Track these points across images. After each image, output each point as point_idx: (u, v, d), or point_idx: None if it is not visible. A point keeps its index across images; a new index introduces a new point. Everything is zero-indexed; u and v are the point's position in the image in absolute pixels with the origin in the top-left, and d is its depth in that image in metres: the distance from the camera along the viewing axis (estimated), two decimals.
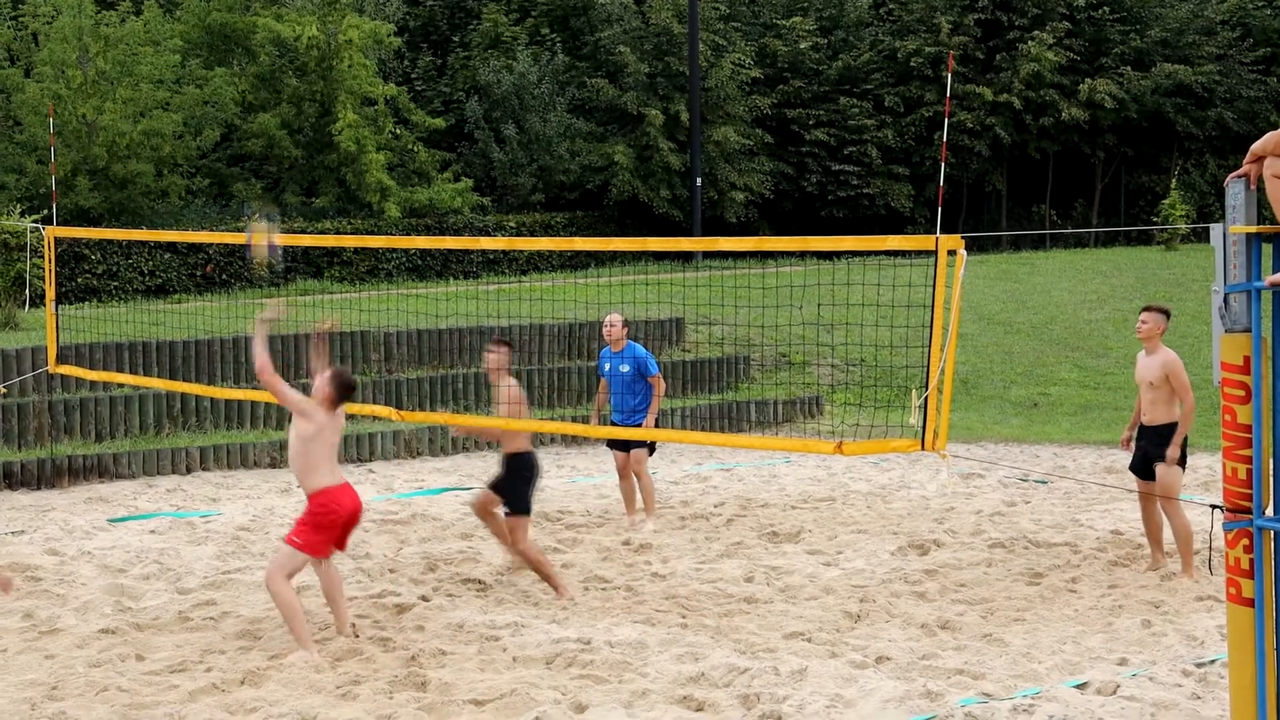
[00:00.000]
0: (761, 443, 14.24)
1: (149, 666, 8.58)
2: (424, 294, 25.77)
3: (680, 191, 39.50)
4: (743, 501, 14.39)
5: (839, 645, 9.08)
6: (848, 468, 16.63)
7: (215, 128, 35.09)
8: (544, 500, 14.49)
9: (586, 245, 11.42)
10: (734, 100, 40.85)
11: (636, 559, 11.73)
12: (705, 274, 28.39)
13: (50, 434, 16.47)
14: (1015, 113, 41.77)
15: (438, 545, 12.24)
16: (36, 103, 31.51)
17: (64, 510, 14.00)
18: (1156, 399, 10.89)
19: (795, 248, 9.78)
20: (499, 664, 8.63)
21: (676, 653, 8.79)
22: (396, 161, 37.39)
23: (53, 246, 13.87)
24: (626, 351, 12.91)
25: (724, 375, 21.69)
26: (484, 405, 19.30)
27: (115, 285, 30.38)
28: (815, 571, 11.22)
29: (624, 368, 12.87)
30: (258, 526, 13.04)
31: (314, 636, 9.11)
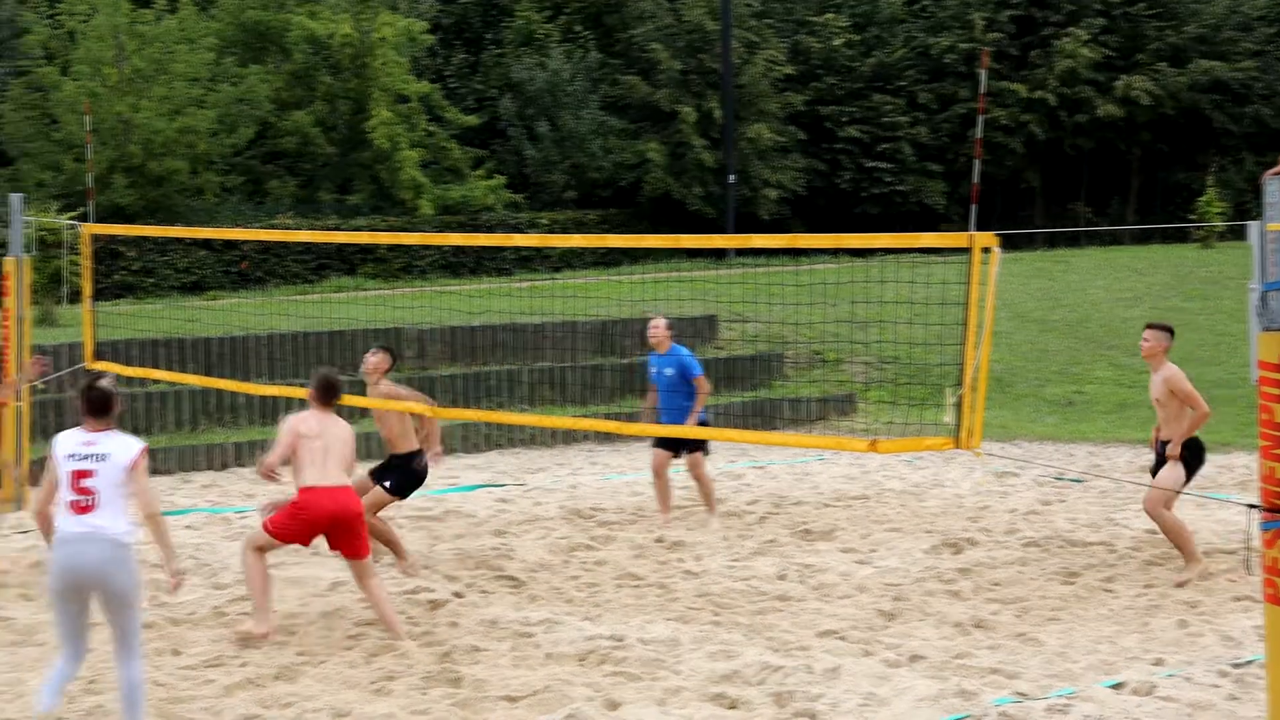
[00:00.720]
0: (795, 440, 14.25)
1: (185, 661, 8.63)
2: (457, 291, 25.83)
3: (713, 188, 39.47)
4: (776, 499, 14.37)
5: (872, 644, 9.06)
6: (881, 465, 16.59)
7: (250, 125, 35.26)
8: (577, 497, 14.51)
9: (619, 242, 11.40)
10: (767, 97, 40.80)
11: (669, 556, 11.73)
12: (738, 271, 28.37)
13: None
14: (1050, 109, 41.60)
15: (471, 542, 12.26)
16: (73, 101, 31.72)
17: None
18: (1168, 416, 10.83)
19: (829, 245, 9.76)
20: (532, 661, 8.64)
21: (709, 650, 8.79)
22: (430, 159, 37.49)
23: (89, 244, 13.96)
24: (670, 354, 12.89)
25: (757, 373, 21.66)
26: (518, 402, 19.34)
27: (151, 282, 30.57)
28: (849, 570, 11.20)
29: (668, 370, 12.86)
30: None
31: (349, 633, 9.16)
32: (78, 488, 7.06)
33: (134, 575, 7.13)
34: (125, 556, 7.07)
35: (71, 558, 6.99)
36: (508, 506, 14.07)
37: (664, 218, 39.60)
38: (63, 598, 7.07)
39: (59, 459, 7.15)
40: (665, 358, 12.91)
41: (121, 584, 7.04)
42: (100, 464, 7.09)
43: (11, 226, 14.11)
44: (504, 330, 20.38)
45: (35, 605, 9.95)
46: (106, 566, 7.00)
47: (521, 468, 16.98)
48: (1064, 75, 41.28)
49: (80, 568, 6.99)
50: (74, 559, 6.99)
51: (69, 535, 7.03)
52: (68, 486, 7.08)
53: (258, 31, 37.96)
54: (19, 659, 8.67)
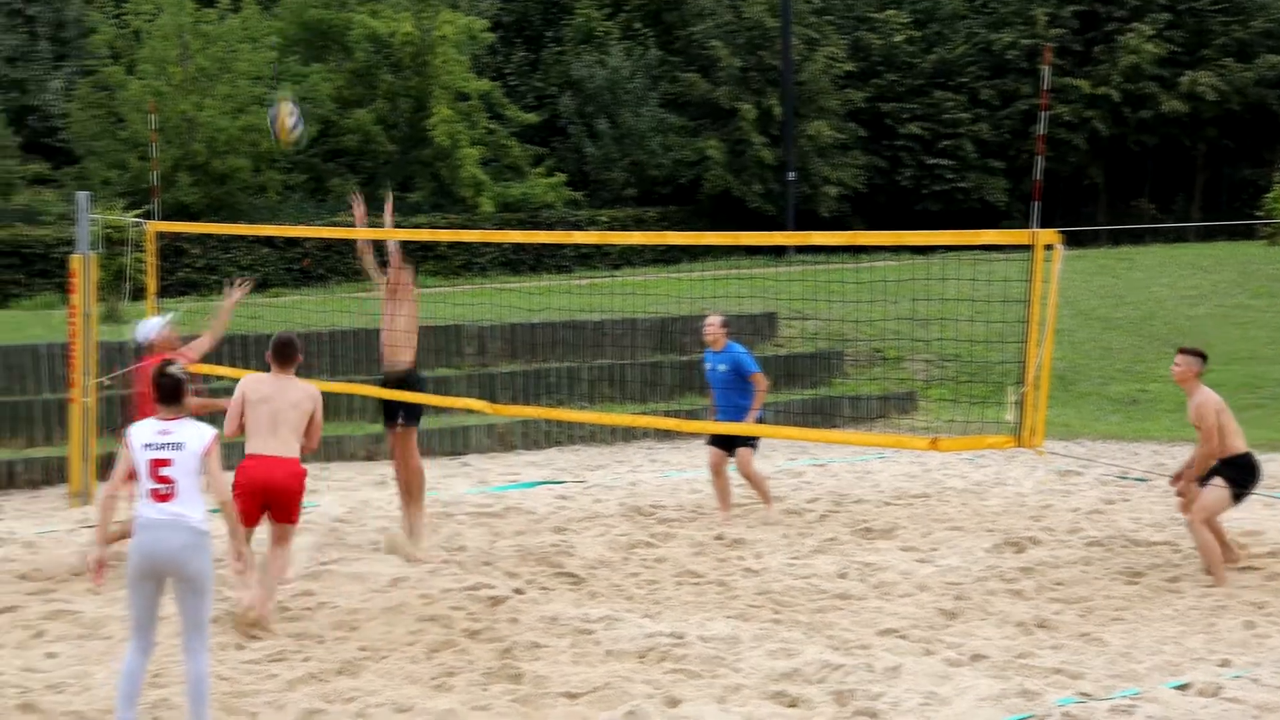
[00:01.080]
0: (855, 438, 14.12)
1: (249, 655, 8.70)
2: (517, 288, 25.91)
3: (773, 186, 39.40)
4: (836, 497, 14.32)
5: (934, 643, 9.01)
6: (942, 464, 16.50)
7: (312, 124, 35.49)
8: (637, 494, 14.52)
9: (679, 240, 11.40)
10: (827, 94, 40.68)
11: (729, 554, 11.71)
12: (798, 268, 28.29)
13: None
14: (1114, 105, 41.24)
15: (531, 538, 12.29)
16: (138, 100, 32.06)
17: None
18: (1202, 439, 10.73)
19: (889, 242, 9.72)
20: (592, 657, 8.65)
21: (769, 648, 8.77)
22: (490, 156, 37.63)
23: (154, 241, 14.10)
24: (725, 351, 12.83)
25: (817, 370, 21.60)
26: (577, 399, 19.37)
27: (214, 279, 30.84)
28: (909, 568, 11.15)
29: (722, 367, 12.80)
30: (354, 518, 13.15)
31: (410, 629, 9.20)
32: (157, 476, 7.17)
33: (209, 563, 7.26)
34: (203, 543, 7.21)
35: (153, 543, 7.12)
36: (568, 503, 14.10)
37: (723, 215, 39.56)
38: (140, 583, 7.18)
39: (136, 449, 7.23)
40: (720, 355, 12.85)
41: (198, 570, 7.17)
42: (176, 452, 7.19)
43: (78, 224, 14.27)
44: (564, 327, 20.41)
45: (102, 599, 10.06)
46: (186, 553, 7.13)
47: (581, 465, 17.01)
48: (1128, 71, 40.91)
49: (161, 553, 7.13)
50: (155, 544, 7.12)
51: (151, 521, 7.15)
52: (147, 475, 7.18)
53: (320, 30, 38.23)
54: (86, 652, 8.77)
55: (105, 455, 15.57)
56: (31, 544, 11.99)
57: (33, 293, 28.15)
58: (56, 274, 28.18)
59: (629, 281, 27.72)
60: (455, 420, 17.95)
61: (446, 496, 14.40)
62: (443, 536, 12.30)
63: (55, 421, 16.25)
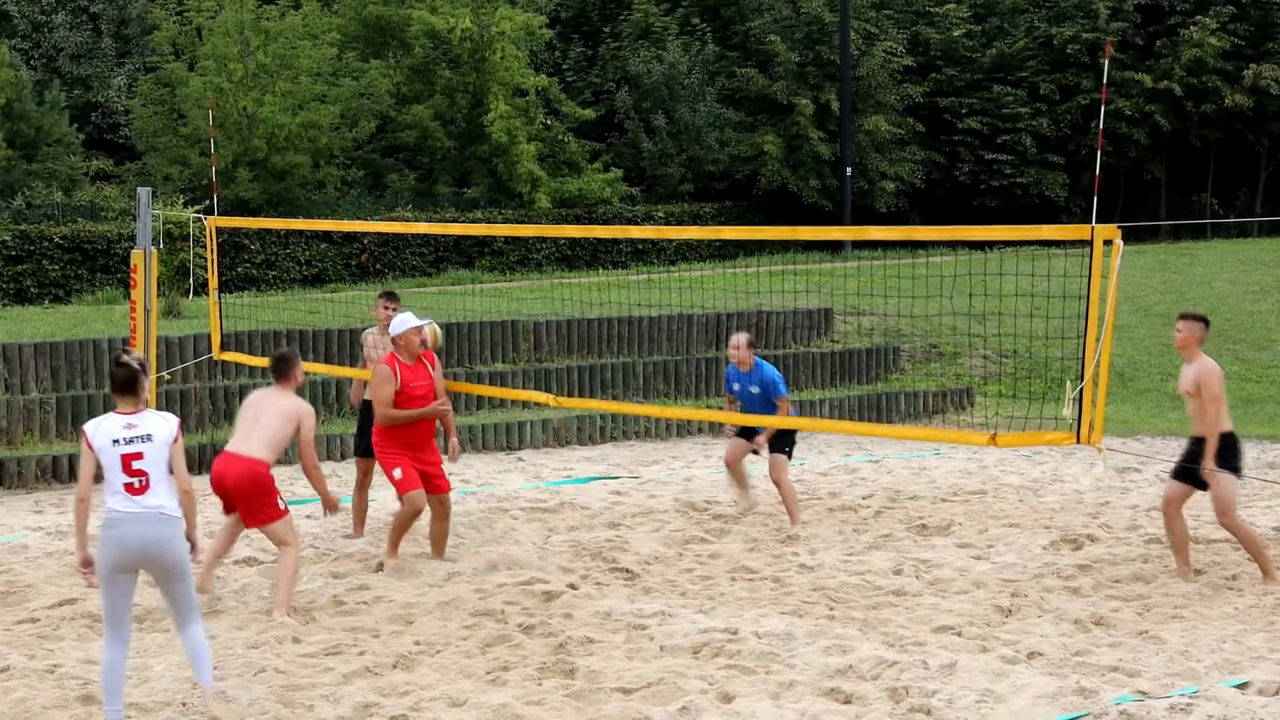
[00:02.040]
0: (913, 433, 14.11)
1: (305, 649, 8.75)
2: (573, 283, 25.94)
3: (830, 181, 39.26)
4: (891, 493, 14.26)
5: (990, 640, 8.96)
6: (999, 460, 16.40)
7: (370, 119, 35.67)
8: (692, 490, 14.51)
9: (735, 235, 11.39)
10: (885, 89, 40.49)
11: (784, 550, 11.69)
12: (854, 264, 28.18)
13: (212, 419, 16.87)
14: (1176, 100, 40.81)
15: (586, 534, 12.31)
16: (199, 96, 32.27)
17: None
18: (1195, 409, 10.50)
19: (947, 238, 9.67)
20: (646, 653, 8.65)
21: (824, 644, 8.74)
22: (547, 152, 37.67)
23: (214, 236, 14.20)
24: (755, 373, 12.44)
25: (873, 366, 21.51)
26: (632, 394, 19.38)
27: (274, 274, 31.05)
28: (965, 565, 11.09)
29: (754, 389, 12.43)
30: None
31: (465, 624, 9.23)
32: (130, 470, 7.18)
33: (185, 549, 7.36)
34: (178, 532, 7.31)
35: (132, 537, 7.16)
36: (622, 499, 14.10)
37: (780, 210, 39.45)
38: (118, 576, 7.22)
39: (102, 446, 7.18)
40: (751, 376, 12.45)
41: (177, 558, 7.29)
42: (147, 444, 7.23)
43: (139, 220, 14.37)
44: (619, 323, 20.41)
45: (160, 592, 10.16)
46: (165, 543, 7.23)
47: (636, 460, 17.01)
48: (1190, 65, 40.46)
49: (141, 546, 7.20)
50: (134, 538, 7.17)
51: (129, 516, 7.17)
52: (120, 470, 7.17)
53: (379, 26, 38.40)
54: (144, 643, 8.84)
55: None
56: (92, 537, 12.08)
57: (95, 288, 28.40)
58: (118, 269, 28.45)
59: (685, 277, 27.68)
60: (510, 415, 18.00)
61: (502, 492, 14.44)
62: (498, 531, 12.33)
63: None
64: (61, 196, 32.29)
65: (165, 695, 7.83)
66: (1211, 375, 10.36)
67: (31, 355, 16.73)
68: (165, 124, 34.55)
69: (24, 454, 15.45)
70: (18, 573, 10.71)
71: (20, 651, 8.69)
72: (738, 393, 12.67)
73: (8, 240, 28.73)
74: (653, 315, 20.60)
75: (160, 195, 28.29)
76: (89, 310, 23.18)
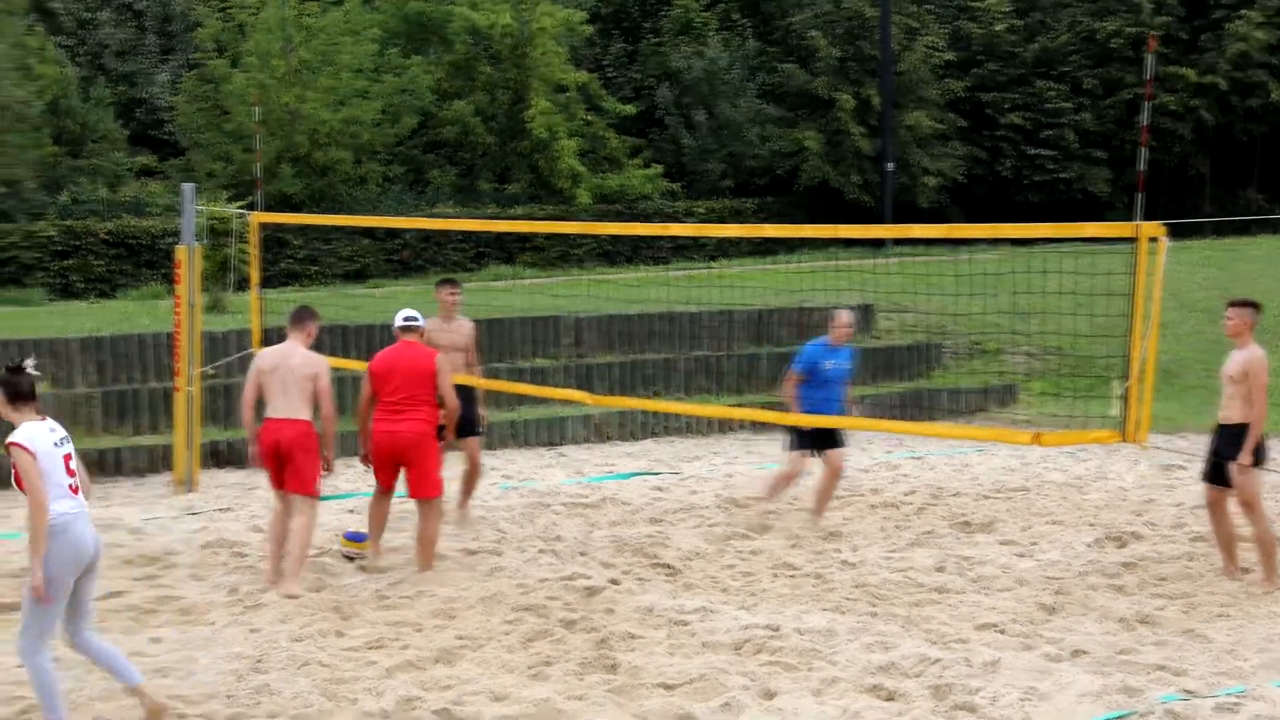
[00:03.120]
0: (957, 431, 14.06)
1: (348, 642, 8.79)
2: (614, 279, 25.96)
3: (871, 177, 39.16)
4: (934, 490, 14.21)
5: (1033, 638, 8.92)
6: (1042, 458, 16.31)
7: (412, 115, 35.81)
8: (733, 486, 14.50)
9: (776, 232, 11.41)
10: (926, 84, 40.37)
11: (826, 547, 11.67)
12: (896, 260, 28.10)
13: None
14: (1221, 94, 40.53)
15: (627, 529, 12.31)
16: (243, 92, 32.47)
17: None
18: (1235, 394, 10.29)
19: (989, 234, 9.61)
20: (688, 648, 8.65)
21: (866, 641, 8.72)
22: (588, 148, 37.72)
23: (257, 232, 14.28)
24: (845, 350, 12.46)
25: (915, 363, 21.45)
26: (674, 390, 19.37)
27: (315, 270, 31.20)
28: (1008, 562, 11.04)
29: (848, 364, 12.45)
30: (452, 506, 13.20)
31: (507, 618, 9.25)
32: (70, 470, 7.23)
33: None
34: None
35: (87, 535, 7.22)
36: (663, 494, 14.10)
37: (821, 206, 39.40)
38: (70, 578, 7.18)
39: (46, 451, 7.12)
40: (844, 353, 12.44)
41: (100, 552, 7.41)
42: (71, 445, 7.34)
43: (183, 216, 14.48)
44: (660, 319, 20.42)
45: (206, 584, 10.23)
46: (98, 539, 7.37)
47: (677, 456, 17.01)
48: (1236, 59, 40.16)
49: (95, 542, 7.29)
50: (89, 535, 7.24)
51: (78, 515, 7.20)
52: (64, 471, 7.19)
53: (420, 23, 38.54)
54: (190, 637, 8.91)
55: (209, 444, 15.84)
56: (137, 530, 12.19)
57: (139, 283, 28.62)
58: (162, 265, 28.65)
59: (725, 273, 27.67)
60: (552, 411, 18.02)
61: (543, 487, 14.46)
62: (539, 527, 12.36)
63: (161, 410, 16.51)
64: (107, 192, 32.54)
65: (210, 688, 7.88)
66: (1261, 363, 10.24)
67: (78, 350, 16.87)
68: (209, 120, 34.77)
69: None
70: None
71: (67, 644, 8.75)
72: (829, 371, 12.37)
73: (54, 236, 28.98)
74: (694, 311, 20.59)
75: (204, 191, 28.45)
76: (134, 305, 23.35)
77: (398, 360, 10.56)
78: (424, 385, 10.51)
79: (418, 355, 10.62)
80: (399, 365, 10.52)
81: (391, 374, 10.50)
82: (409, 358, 10.58)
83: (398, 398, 10.45)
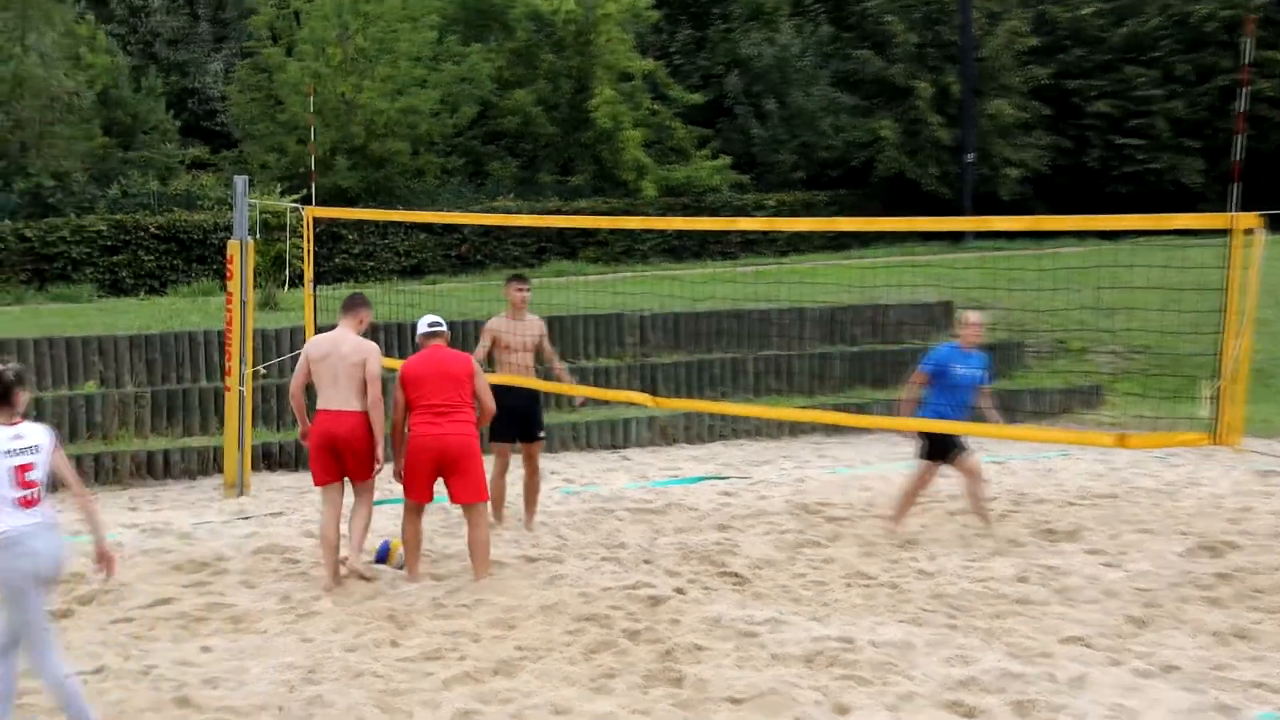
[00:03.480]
0: (1037, 434, 13.91)
1: (404, 653, 8.81)
2: (680, 276, 25.94)
3: (950, 168, 38.94)
4: (1016, 496, 14.10)
5: (1121, 652, 8.82)
6: (1131, 462, 16.15)
7: (471, 105, 35.92)
8: (804, 491, 14.45)
9: (850, 225, 11.26)
10: (1009, 71, 40.06)
11: (901, 555, 11.59)
12: (976, 255, 27.93)
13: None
14: None
15: (694, 536, 12.29)
16: (297, 82, 32.69)
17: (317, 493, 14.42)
18: None
19: (1075, 227, 9.51)
20: (757, 661, 8.61)
21: (944, 655, 8.65)
22: (653, 139, 37.72)
23: (311, 226, 14.36)
24: (977, 355, 12.16)
25: (995, 362, 21.23)
26: (742, 391, 19.33)
27: (371, 266, 31.37)
28: (1095, 573, 10.93)
29: (981, 370, 12.13)
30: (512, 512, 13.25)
31: (568, 628, 9.24)
32: (24, 482, 7.12)
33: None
34: (62, 540, 7.34)
35: (39, 552, 7.10)
36: (732, 500, 14.07)
37: (897, 199, 39.23)
38: (30, 592, 7.12)
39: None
40: (978, 358, 12.15)
41: (62, 567, 7.34)
42: (36, 455, 7.19)
43: (236, 209, 14.59)
44: (728, 317, 20.38)
45: (257, 591, 10.29)
46: (59, 552, 7.26)
47: (746, 460, 16.97)
48: None
49: (49, 559, 7.17)
50: (41, 552, 7.12)
51: (28, 530, 7.10)
52: (14, 484, 7.09)
53: (480, 9, 38.66)
54: (241, 646, 8.96)
55: (261, 445, 15.96)
56: (187, 535, 12.29)
57: (190, 279, 28.90)
58: (214, 260, 28.92)
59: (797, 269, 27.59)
60: (615, 413, 18.02)
61: (606, 491, 14.46)
62: (602, 533, 12.35)
63: (211, 410, 16.66)
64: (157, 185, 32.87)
65: (261, 699, 7.92)
66: None
67: (127, 348, 17.05)
68: (262, 110, 35.04)
69: (119, 449, 15.75)
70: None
71: (115, 652, 8.85)
72: (960, 377, 12.08)
73: (104, 230, 29.30)
74: (763, 309, 20.54)
75: (257, 184, 28.69)
76: (184, 302, 23.58)
77: (431, 364, 10.50)
78: (461, 388, 10.47)
79: (452, 359, 10.59)
80: (433, 369, 10.46)
81: (426, 378, 10.44)
82: (443, 361, 10.53)
83: (436, 401, 10.40)
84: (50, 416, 15.82)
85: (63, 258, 28.90)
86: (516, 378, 12.16)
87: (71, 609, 9.88)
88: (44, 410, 15.79)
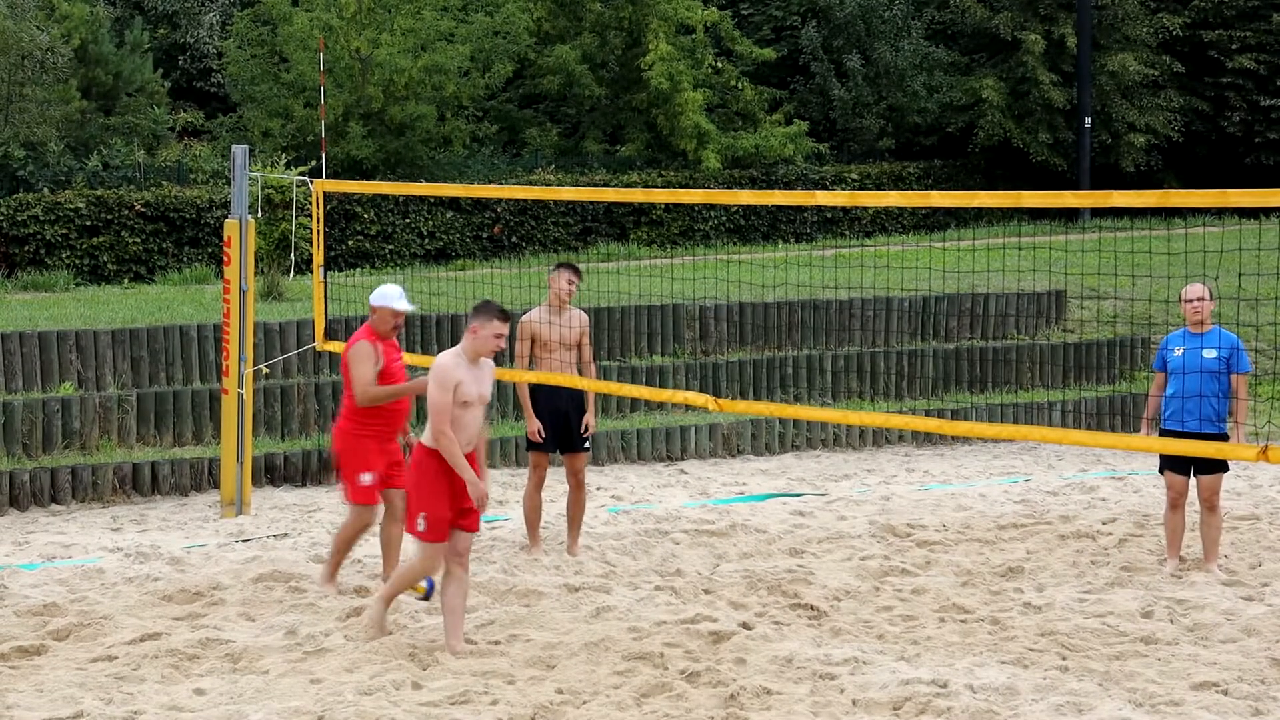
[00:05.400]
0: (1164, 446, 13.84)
1: (427, 696, 8.85)
2: (747, 260, 25.93)
3: (1064, 135, 38.79)
4: (1139, 518, 14.05)
5: (1264, 700, 8.80)
6: (1275, 479, 16.07)
7: (506, 63, 35.87)
8: (890, 510, 14.44)
9: (946, 201, 11.26)
10: (1135, 20, 39.85)
11: (1005, 585, 11.59)
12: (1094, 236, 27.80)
13: (317, 422, 17.17)
14: None
15: (762, 562, 12.31)
16: (305, 36, 32.68)
17: (331, 511, 14.55)
18: None
19: (1210, 203, 9.48)
20: (835, 707, 8.63)
21: (1055, 702, 8.65)
22: (717, 101, 37.68)
23: (321, 203, 14.44)
24: (1212, 334, 11.85)
25: (1116, 361, 21.23)
26: (818, 394, 19.32)
27: (390, 249, 31.48)
28: (1233, 607, 10.89)
29: (1208, 353, 11.74)
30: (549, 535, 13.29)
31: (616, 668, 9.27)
32: None
33: None
34: None
35: None
36: (806, 520, 14.09)
37: (1001, 171, 39.08)
38: None
39: None
40: (1203, 338, 11.84)
41: None
42: None
43: (234, 183, 14.66)
44: (803, 307, 20.38)
45: (258, 626, 10.36)
46: None
47: (822, 474, 16.97)
48: None
49: None
50: None
51: None
52: None
53: None
54: (239, 688, 9.01)
55: (263, 457, 16.06)
56: (178, 560, 12.39)
57: (182, 264, 29.08)
58: (209, 242, 29.11)
59: (883, 252, 27.54)
60: (671, 418, 18.05)
61: (661, 511, 14.49)
62: (656, 558, 12.38)
63: (206, 417, 16.77)
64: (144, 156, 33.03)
65: None
66: None
67: (109, 344, 17.18)
68: (265, 69, 35.13)
69: (99, 461, 15.88)
70: (92, 601, 10.96)
71: (95, 695, 8.91)
72: (1180, 360, 11.80)
73: (81, 208, 29.53)
74: (843, 299, 20.52)
75: (259, 154, 28.84)
76: (175, 291, 23.75)
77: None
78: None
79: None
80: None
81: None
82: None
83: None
84: (21, 423, 15.98)
85: (35, 240, 29.13)
86: (558, 375, 12.21)
87: (45, 644, 9.95)
88: (13, 416, 15.95)
